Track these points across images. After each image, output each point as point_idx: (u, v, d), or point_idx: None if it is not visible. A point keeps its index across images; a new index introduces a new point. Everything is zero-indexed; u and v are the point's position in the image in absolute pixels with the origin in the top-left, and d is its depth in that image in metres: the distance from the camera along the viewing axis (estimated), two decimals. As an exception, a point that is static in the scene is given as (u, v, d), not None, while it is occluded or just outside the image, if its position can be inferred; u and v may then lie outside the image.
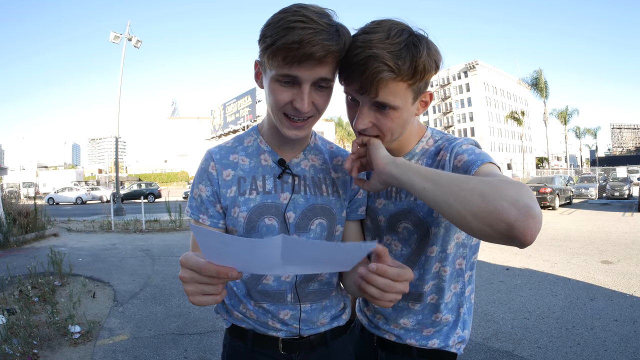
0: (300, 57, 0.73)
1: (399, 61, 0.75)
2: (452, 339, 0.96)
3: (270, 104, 0.83)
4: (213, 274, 0.58)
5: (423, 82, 0.82)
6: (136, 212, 12.68)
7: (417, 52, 0.76)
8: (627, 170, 25.92)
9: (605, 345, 2.99)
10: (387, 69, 0.75)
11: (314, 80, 0.78)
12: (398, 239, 0.96)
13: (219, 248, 0.58)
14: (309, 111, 0.81)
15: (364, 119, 0.83)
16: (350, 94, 0.85)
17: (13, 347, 2.81)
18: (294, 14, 0.74)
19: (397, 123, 0.84)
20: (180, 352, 3.04)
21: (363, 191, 1.01)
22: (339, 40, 0.75)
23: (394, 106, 0.81)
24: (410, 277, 0.64)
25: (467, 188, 0.64)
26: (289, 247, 0.54)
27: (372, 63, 0.75)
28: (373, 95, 0.79)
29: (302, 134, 0.86)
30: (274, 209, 0.91)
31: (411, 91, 0.81)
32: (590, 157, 68.01)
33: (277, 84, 0.79)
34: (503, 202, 0.59)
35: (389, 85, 0.78)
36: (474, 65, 63.41)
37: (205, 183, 0.93)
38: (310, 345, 0.97)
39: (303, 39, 0.71)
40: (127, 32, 16.19)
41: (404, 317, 0.98)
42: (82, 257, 6.51)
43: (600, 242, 7.26)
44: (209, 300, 0.62)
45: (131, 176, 58.93)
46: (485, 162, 0.79)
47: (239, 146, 0.97)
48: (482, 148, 0.92)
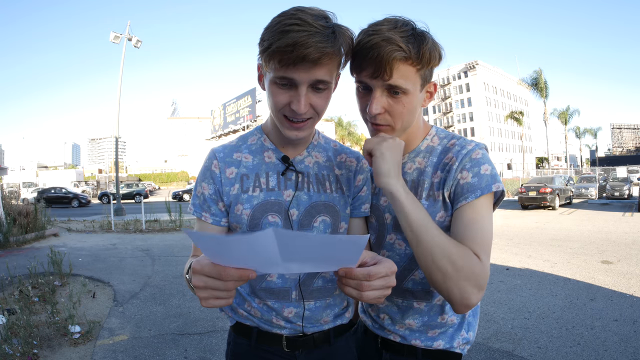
0: (294, 60, 0.74)
1: (409, 44, 0.81)
2: (457, 341, 0.96)
3: (270, 105, 0.85)
4: (235, 278, 0.59)
5: (429, 70, 0.87)
6: (136, 212, 12.69)
7: (423, 40, 0.83)
8: (627, 170, 25.92)
9: (605, 345, 2.99)
10: (400, 50, 0.80)
11: (310, 83, 0.79)
12: (402, 237, 0.95)
13: (216, 248, 0.58)
14: (306, 113, 0.82)
15: (377, 104, 0.85)
16: (362, 82, 0.87)
17: (13, 347, 2.81)
18: (290, 17, 0.76)
19: (407, 109, 0.87)
20: (180, 352, 3.04)
21: (367, 188, 1.02)
22: (335, 41, 0.76)
23: (406, 90, 0.84)
24: (387, 272, 0.64)
25: (439, 261, 0.78)
26: (284, 242, 0.54)
27: (385, 45, 0.80)
28: (387, 76, 0.82)
29: (301, 134, 0.87)
30: (277, 206, 0.92)
31: (419, 77, 0.85)
32: (590, 157, 68.04)
33: (275, 86, 0.81)
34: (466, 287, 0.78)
35: (401, 67, 0.82)
36: (474, 65, 63.43)
37: (208, 181, 0.94)
38: (314, 343, 0.97)
39: (297, 41, 0.73)
40: (127, 32, 16.21)
41: (409, 318, 0.97)
42: (82, 257, 6.51)
43: (600, 242, 7.26)
44: (221, 303, 0.63)
45: (131, 176, 58.91)
46: (485, 194, 0.84)
47: (242, 145, 0.98)
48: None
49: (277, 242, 0.54)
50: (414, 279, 0.96)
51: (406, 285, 0.96)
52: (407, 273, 0.96)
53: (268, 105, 0.87)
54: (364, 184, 1.01)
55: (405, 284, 0.96)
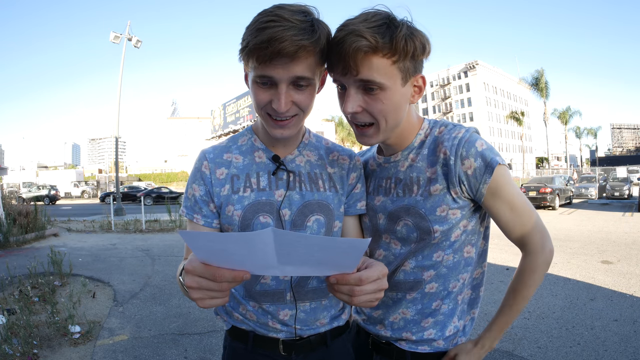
0: (270, 55, 0.74)
1: (376, 35, 0.76)
2: (449, 328, 0.94)
3: (254, 104, 0.84)
4: (229, 279, 0.59)
5: (409, 61, 0.81)
6: (136, 212, 12.68)
7: (396, 29, 0.77)
8: (627, 170, 25.84)
9: (605, 345, 2.99)
10: (365, 41, 0.76)
11: (290, 80, 0.78)
12: (397, 237, 0.94)
13: (210, 248, 0.57)
14: (288, 111, 0.81)
15: (352, 102, 0.82)
16: (337, 81, 0.85)
17: (13, 347, 2.81)
18: (267, 14, 0.75)
19: (388, 106, 0.82)
20: (180, 352, 3.04)
21: (361, 185, 1.01)
22: (312, 34, 0.75)
23: (380, 84, 0.79)
24: (378, 275, 0.64)
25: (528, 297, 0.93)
26: (282, 242, 0.53)
27: (349, 38, 0.76)
28: (355, 72, 0.78)
29: (287, 132, 0.86)
30: (269, 206, 0.91)
31: (397, 70, 0.80)
32: (590, 157, 67.94)
33: (256, 85, 0.80)
34: (544, 271, 0.91)
35: (371, 60, 0.78)
36: (474, 65, 63.40)
37: (198, 182, 0.93)
38: (311, 346, 0.96)
39: (272, 37, 0.72)
40: (127, 32, 16.19)
41: (403, 307, 0.96)
42: (82, 257, 6.51)
43: (600, 242, 7.26)
44: (217, 302, 0.62)
45: (131, 176, 58.88)
46: (495, 166, 0.83)
47: (232, 145, 0.97)
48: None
49: (275, 242, 0.53)
50: (404, 270, 0.94)
51: (397, 278, 0.95)
52: (399, 268, 0.95)
53: (253, 104, 0.86)
54: (357, 182, 1.00)
55: (397, 277, 0.95)
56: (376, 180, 1.01)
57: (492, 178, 0.83)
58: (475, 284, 0.98)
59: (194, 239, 0.56)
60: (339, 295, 0.64)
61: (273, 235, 0.52)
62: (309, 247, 0.56)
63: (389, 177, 0.97)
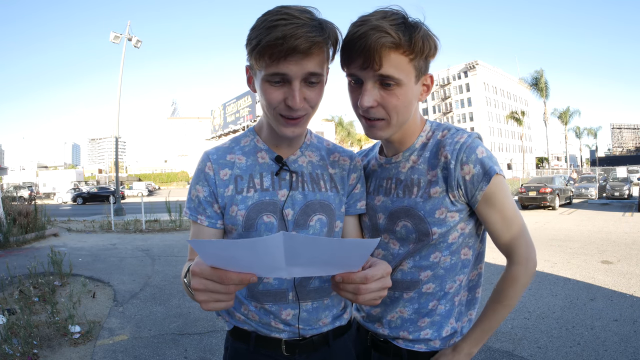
0: (285, 52, 0.74)
1: (399, 32, 0.79)
2: (445, 329, 0.95)
3: (264, 105, 0.84)
4: (236, 282, 0.59)
5: (423, 61, 0.84)
6: (136, 212, 12.69)
7: (415, 29, 0.80)
8: (627, 170, 25.83)
9: (605, 345, 2.99)
10: (390, 37, 0.78)
11: (303, 76, 0.78)
12: (396, 237, 0.95)
13: (220, 255, 0.57)
14: (302, 107, 0.81)
15: (369, 96, 0.83)
16: (352, 75, 0.85)
17: (13, 347, 2.81)
18: (275, 13, 0.76)
19: (402, 102, 0.84)
20: (180, 352, 3.04)
21: (361, 186, 1.01)
22: (323, 32, 0.76)
23: (398, 80, 0.81)
24: (382, 274, 0.65)
25: (511, 306, 0.91)
26: (291, 246, 0.53)
27: (374, 33, 0.77)
28: (377, 66, 0.79)
29: (298, 130, 0.86)
30: (272, 206, 0.91)
31: (413, 68, 0.83)
32: (590, 157, 67.92)
33: (268, 84, 0.80)
34: (525, 282, 0.92)
35: (391, 56, 0.80)
36: (474, 65, 63.41)
37: (202, 184, 0.93)
38: (313, 346, 0.96)
39: (286, 34, 0.73)
40: (127, 32, 16.20)
41: (400, 306, 0.96)
42: (82, 257, 6.51)
43: (600, 242, 7.26)
44: (222, 306, 0.62)
45: (131, 176, 58.98)
46: (493, 174, 0.85)
47: (235, 146, 0.97)
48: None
49: (285, 246, 0.53)
50: (402, 269, 0.95)
51: (395, 277, 0.96)
52: (397, 268, 0.96)
53: (261, 105, 0.86)
54: (357, 182, 1.01)
55: (394, 276, 0.96)
56: (377, 180, 1.02)
57: (488, 186, 0.85)
58: (472, 285, 0.99)
59: (204, 247, 0.56)
60: (344, 294, 0.65)
61: (283, 239, 0.52)
62: (318, 249, 0.56)
63: (389, 178, 0.98)
